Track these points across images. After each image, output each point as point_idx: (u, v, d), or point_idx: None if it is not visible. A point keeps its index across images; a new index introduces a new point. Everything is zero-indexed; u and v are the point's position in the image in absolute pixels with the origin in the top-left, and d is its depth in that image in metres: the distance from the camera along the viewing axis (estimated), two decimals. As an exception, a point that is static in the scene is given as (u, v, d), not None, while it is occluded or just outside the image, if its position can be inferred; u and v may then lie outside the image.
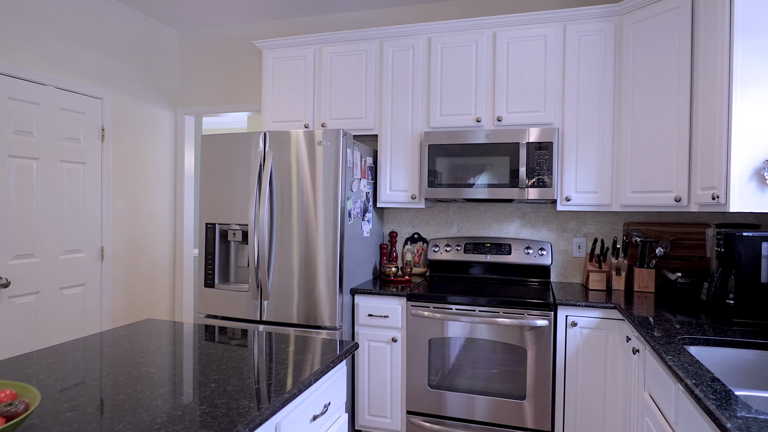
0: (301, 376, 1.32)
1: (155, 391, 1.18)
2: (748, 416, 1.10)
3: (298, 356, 1.50)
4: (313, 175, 2.65)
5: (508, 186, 2.74)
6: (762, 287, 1.97)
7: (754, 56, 1.91)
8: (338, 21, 3.55)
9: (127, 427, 0.99)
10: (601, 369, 2.42)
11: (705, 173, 2.17)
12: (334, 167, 2.61)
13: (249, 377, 1.30)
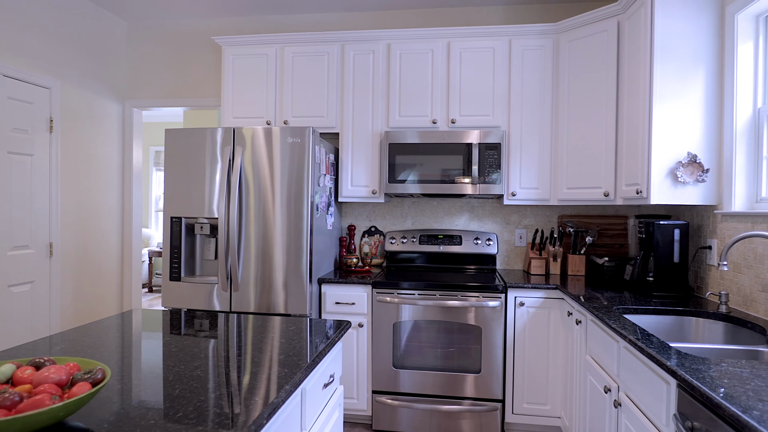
0: (316, 349, 1.48)
1: (235, 359, 1.29)
2: (680, 356, 1.42)
3: (304, 334, 1.65)
4: (283, 170, 2.76)
5: (463, 183, 3.02)
6: (674, 266, 2.40)
7: (669, 76, 2.32)
8: (300, 21, 3.66)
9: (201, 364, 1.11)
10: (544, 341, 2.77)
11: (629, 172, 2.57)
12: (304, 163, 2.74)
13: (273, 351, 1.44)
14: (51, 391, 0.92)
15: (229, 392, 1.11)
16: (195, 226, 2.86)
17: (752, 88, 2.17)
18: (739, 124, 2.19)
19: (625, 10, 2.66)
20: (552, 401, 2.77)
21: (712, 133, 2.31)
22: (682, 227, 2.40)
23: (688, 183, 2.31)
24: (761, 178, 2.14)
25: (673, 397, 1.38)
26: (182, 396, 1.09)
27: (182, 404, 1.04)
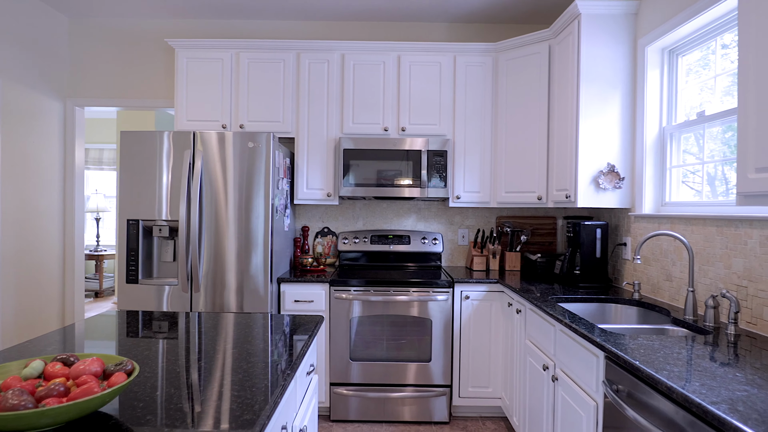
0: (303, 341, 1.64)
1: (248, 342, 1.41)
2: (606, 334, 1.73)
3: (286, 329, 1.79)
4: (243, 173, 2.85)
5: (413, 186, 3.26)
6: (597, 260, 2.78)
7: (593, 97, 2.69)
8: (255, 27, 3.72)
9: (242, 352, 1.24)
10: (486, 330, 3.07)
11: (560, 178, 2.93)
12: (265, 167, 2.85)
13: (267, 344, 1.58)
14: (94, 380, 1.02)
15: (252, 374, 1.25)
16: (153, 228, 2.88)
17: (659, 109, 2.58)
18: (648, 139, 2.59)
19: (555, 36, 3.02)
20: (494, 384, 3.08)
21: (627, 147, 2.71)
22: (603, 227, 2.79)
23: (608, 189, 2.69)
24: (665, 186, 2.55)
25: (601, 367, 1.69)
26: (206, 383, 1.22)
27: (205, 390, 1.17)
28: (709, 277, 2.07)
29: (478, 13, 3.52)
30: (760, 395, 1.17)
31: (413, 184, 3.26)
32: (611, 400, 1.56)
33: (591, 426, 1.75)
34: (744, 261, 1.87)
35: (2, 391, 1.00)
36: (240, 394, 1.14)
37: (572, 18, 2.76)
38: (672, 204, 2.49)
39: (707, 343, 1.64)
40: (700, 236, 2.13)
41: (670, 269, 2.35)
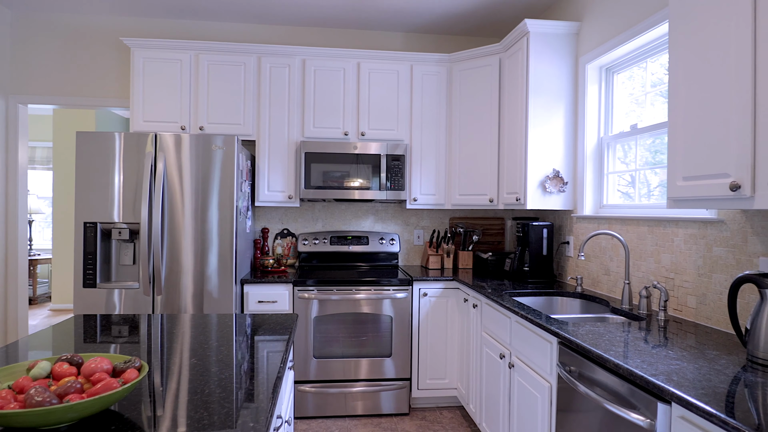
0: (281, 341, 1.72)
1: (224, 344, 1.47)
2: (558, 323, 1.94)
3: (269, 324, 1.87)
4: (207, 176, 2.86)
5: (373, 189, 3.39)
6: (544, 258, 3.04)
7: (540, 108, 2.94)
8: (214, 29, 3.70)
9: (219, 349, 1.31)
10: (443, 325, 3.26)
11: (510, 183, 3.17)
12: (230, 170, 2.88)
13: (257, 338, 1.65)
14: (106, 377, 1.07)
15: (257, 359, 1.33)
16: (112, 231, 2.82)
17: (597, 121, 2.86)
18: (588, 148, 2.87)
19: (506, 50, 3.26)
20: (450, 375, 3.27)
21: (570, 154, 2.99)
22: (549, 227, 3.05)
23: (554, 193, 2.95)
24: (603, 190, 2.84)
25: (555, 351, 1.90)
26: (211, 375, 1.28)
27: (210, 383, 1.24)
28: (642, 271, 2.35)
29: (433, 24, 3.71)
30: (689, 368, 1.40)
31: (373, 186, 3.39)
32: (565, 379, 1.77)
33: (546, 405, 1.95)
34: (671, 256, 2.15)
35: (16, 391, 1.03)
36: (247, 387, 1.22)
37: (522, 35, 3.00)
38: (609, 206, 2.77)
39: (642, 328, 1.89)
40: (634, 235, 2.41)
41: (608, 264, 2.63)
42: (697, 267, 2.01)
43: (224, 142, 2.87)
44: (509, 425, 2.33)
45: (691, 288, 2.03)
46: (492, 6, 3.37)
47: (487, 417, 2.64)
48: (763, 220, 1.71)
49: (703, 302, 1.97)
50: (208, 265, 2.86)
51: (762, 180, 1.35)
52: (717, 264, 1.91)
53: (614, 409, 1.44)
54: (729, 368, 1.40)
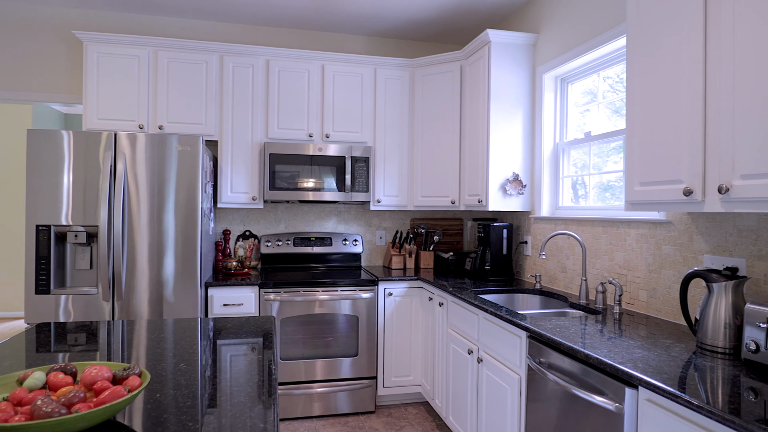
0: (268, 339, 1.73)
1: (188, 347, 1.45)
2: (526, 318, 2.07)
3: (247, 327, 1.87)
4: (171, 177, 2.79)
5: (338, 191, 3.42)
6: (504, 257, 3.19)
7: (500, 114, 3.08)
8: (174, 25, 3.59)
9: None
10: (407, 324, 3.34)
11: (471, 185, 3.30)
12: (194, 171, 2.82)
13: (237, 344, 1.65)
14: (110, 385, 1.05)
15: (242, 371, 1.34)
16: (68, 234, 2.69)
17: (553, 127, 3.04)
18: (545, 153, 3.05)
19: (467, 58, 3.38)
20: (414, 372, 3.35)
21: (528, 158, 3.15)
22: (508, 227, 3.20)
23: (513, 195, 3.11)
24: (559, 193, 3.02)
25: (524, 345, 2.02)
26: (222, 380, 1.28)
27: (222, 382, 1.25)
28: (597, 268, 2.53)
29: (397, 29, 3.78)
30: (651, 356, 1.55)
31: (337, 188, 3.42)
32: (535, 370, 1.89)
33: (515, 396, 2.07)
34: (624, 254, 2.34)
35: (14, 403, 1.00)
36: (248, 392, 1.24)
37: (483, 44, 3.13)
38: (564, 208, 2.96)
39: (601, 321, 2.05)
40: (590, 234, 2.59)
41: (565, 262, 2.81)
42: (648, 264, 2.20)
43: (188, 143, 2.81)
44: (477, 417, 2.44)
45: (643, 283, 2.22)
46: (454, 14, 3.49)
47: (454, 410, 2.74)
48: (707, 222, 1.91)
49: (654, 296, 2.16)
50: (173, 268, 2.79)
51: (711, 186, 1.52)
52: (666, 261, 2.10)
53: (585, 396, 1.57)
54: (683, 354, 1.56)
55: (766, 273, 1.68)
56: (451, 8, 3.37)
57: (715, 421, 1.12)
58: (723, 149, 1.47)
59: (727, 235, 1.82)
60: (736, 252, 1.79)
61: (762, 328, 1.41)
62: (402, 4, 3.30)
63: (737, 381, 1.31)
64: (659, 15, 1.72)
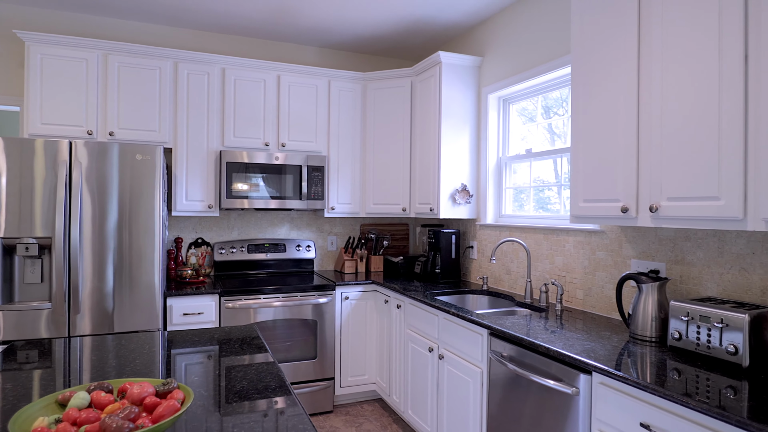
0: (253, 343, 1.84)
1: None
2: (485, 317, 2.33)
3: (207, 336, 1.95)
4: (129, 186, 2.74)
5: (293, 198, 3.51)
6: (453, 261, 3.47)
7: (449, 129, 3.35)
8: (125, 28, 3.46)
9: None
10: (363, 325, 3.52)
11: (422, 194, 3.54)
12: (152, 180, 2.79)
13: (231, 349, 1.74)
14: (159, 400, 1.13)
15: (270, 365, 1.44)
16: (18, 246, 2.56)
17: (496, 143, 3.36)
18: (489, 165, 3.36)
19: (417, 75, 3.62)
20: (369, 371, 3.54)
21: (474, 171, 3.45)
22: (456, 233, 3.49)
23: (462, 204, 3.39)
24: (502, 202, 3.35)
25: (486, 342, 2.28)
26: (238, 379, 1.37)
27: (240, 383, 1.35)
28: (539, 270, 2.87)
29: (350, 43, 3.93)
30: (597, 346, 1.86)
31: (293, 196, 3.51)
32: (497, 363, 2.15)
33: (477, 387, 2.33)
34: (563, 258, 2.69)
35: (71, 423, 1.05)
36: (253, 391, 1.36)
37: (435, 64, 3.38)
38: (506, 216, 3.29)
39: (546, 317, 2.37)
40: (532, 241, 2.92)
41: (509, 265, 3.13)
42: (584, 267, 2.55)
43: (147, 152, 2.78)
44: (437, 409, 2.68)
45: (579, 283, 2.58)
46: (406, 33, 3.71)
47: (413, 404, 2.96)
48: (634, 232, 2.28)
49: (589, 294, 2.52)
50: (131, 279, 2.75)
51: (644, 206, 1.86)
52: (599, 264, 2.46)
53: (545, 382, 1.85)
54: (621, 344, 1.89)
55: (681, 275, 2.07)
56: (404, 27, 3.58)
57: (659, 396, 1.42)
58: (653, 175, 1.81)
59: (650, 243, 2.20)
60: (658, 257, 2.17)
61: (683, 321, 1.76)
62: (358, 20, 3.46)
63: (665, 363, 1.64)
64: (600, 60, 2.05)
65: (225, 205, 3.33)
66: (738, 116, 1.53)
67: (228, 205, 3.34)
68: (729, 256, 1.89)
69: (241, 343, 1.88)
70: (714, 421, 1.30)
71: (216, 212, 3.40)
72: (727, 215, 1.56)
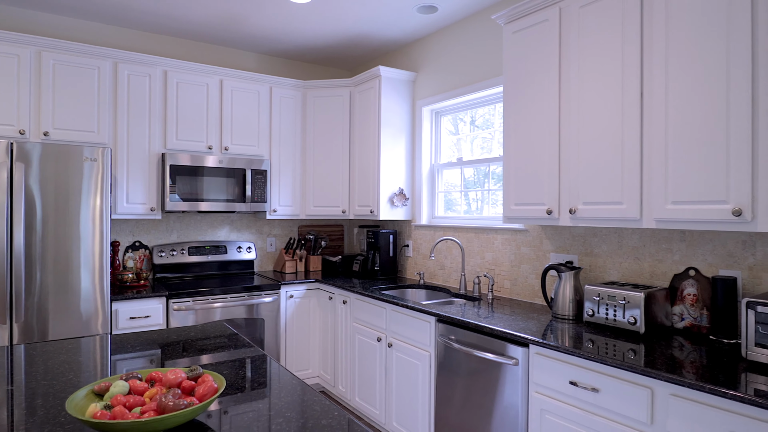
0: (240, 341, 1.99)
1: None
2: (432, 306, 2.66)
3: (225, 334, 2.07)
4: (76, 189, 2.69)
5: (238, 201, 3.59)
6: (391, 259, 3.77)
7: (388, 137, 3.65)
8: (63, 24, 3.29)
9: (231, 373, 1.56)
10: (306, 321, 3.70)
11: (362, 197, 3.80)
12: (100, 183, 2.76)
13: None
14: (193, 383, 1.28)
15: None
16: (-48, 253, 2.41)
17: (430, 151, 3.72)
18: (423, 171, 3.71)
19: (356, 86, 3.87)
20: (312, 366, 3.72)
21: (410, 176, 3.78)
22: (394, 233, 3.79)
23: (399, 206, 3.70)
24: (435, 205, 3.71)
25: (434, 328, 2.60)
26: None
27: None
28: (471, 265, 3.26)
29: (288, 51, 4.07)
30: (530, 325, 2.25)
31: (237, 199, 3.60)
32: (445, 346, 2.48)
33: (426, 369, 2.64)
34: (492, 254, 3.10)
35: (112, 405, 1.17)
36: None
37: (374, 77, 3.66)
38: (438, 217, 3.66)
39: (480, 305, 2.75)
40: (465, 239, 3.31)
41: (443, 261, 3.50)
42: (511, 261, 2.98)
43: (96, 155, 2.74)
44: (386, 393, 2.96)
45: (507, 275, 3.00)
46: (347, 45, 3.94)
47: (360, 392, 3.21)
48: (552, 230, 2.74)
49: (515, 284, 2.95)
50: (79, 284, 2.70)
51: (564, 208, 2.28)
52: (524, 258, 2.90)
53: (490, 357, 2.20)
54: (547, 322, 2.30)
55: (590, 264, 2.54)
56: (346, 40, 3.82)
57: (583, 358, 1.82)
58: (572, 184, 2.24)
59: (566, 239, 2.66)
60: (572, 251, 2.63)
61: (595, 301, 2.20)
62: (304, 31, 3.63)
63: (583, 335, 2.06)
64: (527, 90, 2.46)
65: (169, 208, 3.33)
66: (636, 138, 1.99)
67: (172, 207, 3.34)
68: (626, 248, 2.38)
69: (228, 338, 2.01)
70: (623, 372, 1.71)
71: (158, 215, 3.39)
72: (628, 216, 2.02)
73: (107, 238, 2.78)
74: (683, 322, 2.14)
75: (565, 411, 1.91)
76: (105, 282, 2.77)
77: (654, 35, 1.94)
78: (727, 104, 1.72)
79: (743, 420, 1.41)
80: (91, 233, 2.72)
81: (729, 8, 1.71)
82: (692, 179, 1.82)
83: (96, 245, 2.74)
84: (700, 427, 1.50)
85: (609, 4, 2.10)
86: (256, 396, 1.41)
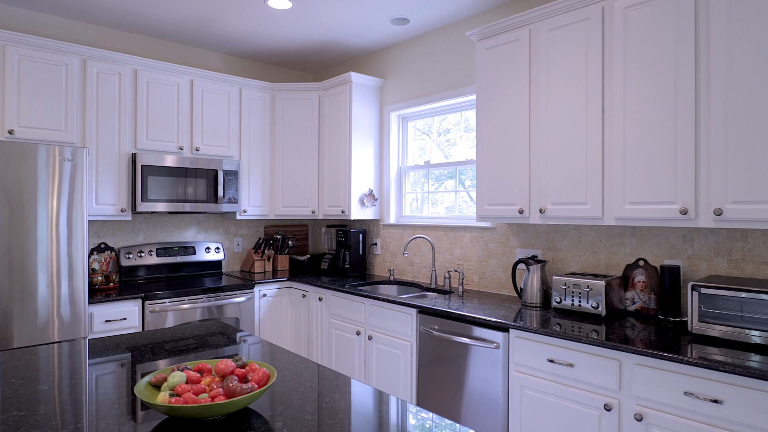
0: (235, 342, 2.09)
1: (214, 358, 1.74)
2: (412, 299, 2.87)
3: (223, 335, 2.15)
4: (53, 190, 2.63)
5: (209, 202, 3.60)
6: (360, 257, 3.93)
7: (358, 141, 3.81)
8: (28, 18, 3.13)
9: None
10: (279, 319, 3.78)
11: (333, 198, 3.94)
12: (79, 184, 2.71)
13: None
14: (243, 371, 1.39)
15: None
16: None
17: (397, 154, 3.93)
18: (392, 173, 3.91)
19: (326, 90, 4.00)
20: (285, 362, 3.80)
21: (378, 177, 3.96)
22: (363, 232, 3.96)
23: (369, 206, 3.88)
24: (402, 205, 3.93)
25: (415, 319, 2.80)
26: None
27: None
28: (440, 261, 3.50)
29: (258, 53, 4.11)
30: (503, 312, 2.51)
31: (208, 199, 3.61)
32: (427, 336, 2.70)
33: (407, 359, 2.84)
34: (461, 250, 3.36)
35: (177, 393, 1.27)
36: (303, 365, 1.67)
37: (345, 82, 3.81)
38: (405, 217, 3.88)
39: (452, 298, 2.99)
40: (434, 237, 3.55)
41: (412, 258, 3.72)
42: (479, 256, 3.25)
43: (74, 155, 2.69)
44: (365, 383, 3.12)
45: (475, 270, 3.27)
46: (317, 50, 4.04)
47: (338, 384, 3.35)
48: (518, 228, 3.04)
49: (483, 278, 3.22)
50: (56, 288, 2.64)
51: (534, 208, 2.57)
52: (491, 254, 3.18)
53: (473, 343, 2.44)
54: (517, 310, 2.58)
55: (553, 257, 2.86)
56: (316, 46, 3.93)
57: (558, 338, 2.10)
58: (541, 186, 2.53)
59: (530, 236, 2.97)
60: (536, 246, 2.94)
61: (562, 290, 2.50)
62: (275, 35, 3.70)
63: (551, 319, 2.36)
64: (499, 100, 2.72)
65: (140, 209, 3.29)
66: (598, 146, 2.30)
67: (144, 208, 3.30)
68: (585, 243, 2.72)
69: (225, 336, 2.10)
70: (596, 348, 2.01)
71: (129, 216, 3.33)
72: (592, 215, 2.33)
73: (86, 240, 2.73)
74: (635, 305, 2.49)
75: (543, 386, 2.18)
76: (84, 284, 2.72)
77: (614, 58, 2.26)
78: (675, 119, 2.06)
79: (695, 380, 1.74)
80: (65, 235, 2.66)
81: (677, 41, 2.06)
82: (647, 183, 2.15)
83: (71, 248, 2.68)
84: (660, 389, 1.82)
85: (574, 29, 2.41)
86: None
